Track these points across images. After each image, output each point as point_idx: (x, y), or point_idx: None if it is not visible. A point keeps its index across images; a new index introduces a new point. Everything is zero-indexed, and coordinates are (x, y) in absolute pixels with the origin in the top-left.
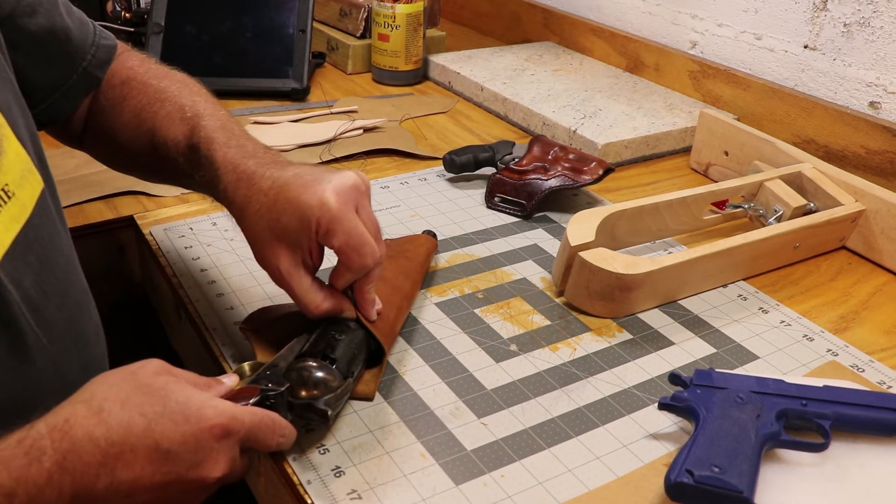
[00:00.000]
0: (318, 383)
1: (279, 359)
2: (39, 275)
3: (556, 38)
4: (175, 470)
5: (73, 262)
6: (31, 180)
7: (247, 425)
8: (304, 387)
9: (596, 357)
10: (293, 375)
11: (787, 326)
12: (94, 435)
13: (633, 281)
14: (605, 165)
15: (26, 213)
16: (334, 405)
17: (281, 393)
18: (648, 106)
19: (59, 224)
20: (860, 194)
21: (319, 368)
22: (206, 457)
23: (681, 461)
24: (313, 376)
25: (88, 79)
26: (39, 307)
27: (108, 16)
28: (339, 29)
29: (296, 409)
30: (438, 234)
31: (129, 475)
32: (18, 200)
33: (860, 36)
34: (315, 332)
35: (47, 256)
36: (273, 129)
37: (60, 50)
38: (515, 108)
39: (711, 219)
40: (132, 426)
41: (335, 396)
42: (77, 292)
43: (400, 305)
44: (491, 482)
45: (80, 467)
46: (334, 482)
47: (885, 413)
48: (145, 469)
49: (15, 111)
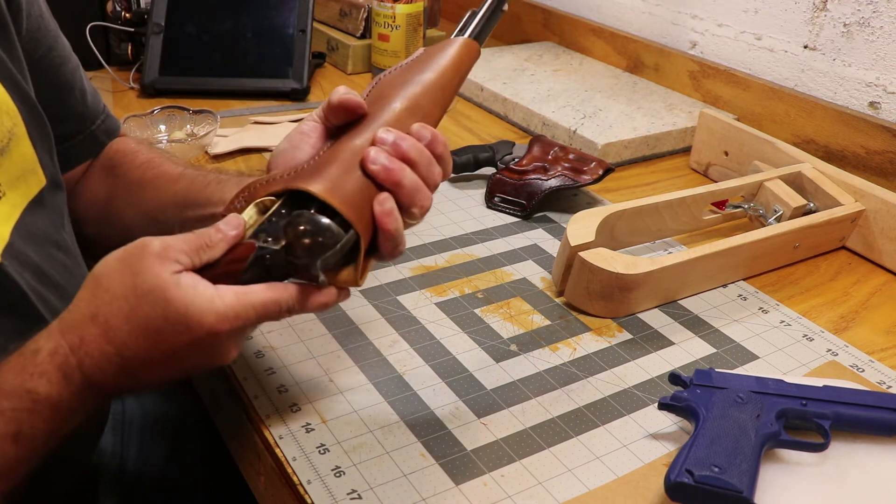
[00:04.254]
0: (319, 234)
1: (276, 210)
2: (40, 267)
3: (556, 38)
4: (189, 363)
5: (74, 255)
6: (31, 180)
7: (251, 319)
8: (305, 237)
9: (596, 357)
10: (292, 228)
11: (787, 326)
12: (108, 352)
13: (632, 281)
14: (605, 165)
15: (17, 212)
16: (332, 264)
17: (277, 251)
18: (648, 106)
19: (60, 220)
20: (860, 194)
21: (319, 220)
22: (216, 350)
23: (681, 461)
24: (313, 229)
25: (94, 142)
26: (44, 296)
27: (108, 16)
28: (340, 29)
29: (294, 267)
30: (438, 234)
31: (148, 376)
32: (8, 200)
33: (860, 36)
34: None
35: (46, 251)
36: (273, 129)
37: (76, 107)
38: (515, 108)
39: (711, 219)
40: (141, 341)
41: (334, 253)
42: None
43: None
44: (491, 482)
45: (106, 379)
46: (334, 482)
47: (885, 413)
48: (163, 368)
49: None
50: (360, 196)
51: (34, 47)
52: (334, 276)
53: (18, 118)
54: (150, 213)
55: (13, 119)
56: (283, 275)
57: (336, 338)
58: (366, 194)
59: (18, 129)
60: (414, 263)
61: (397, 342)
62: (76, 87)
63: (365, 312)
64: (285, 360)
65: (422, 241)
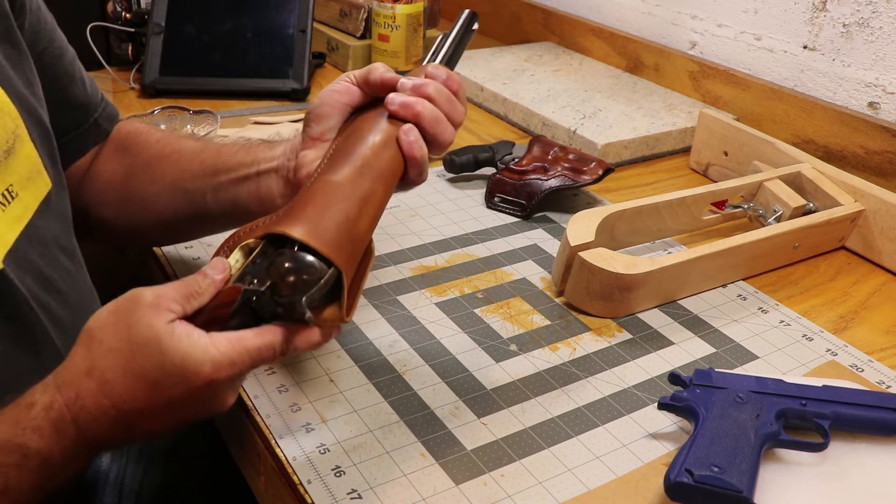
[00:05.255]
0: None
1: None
2: (43, 272)
3: (555, 38)
4: (187, 413)
5: (77, 260)
6: (38, 182)
7: (246, 365)
8: (289, 275)
9: (596, 357)
10: (275, 268)
11: (787, 326)
12: (104, 405)
13: (632, 281)
14: (605, 165)
15: (29, 213)
16: (317, 300)
17: (262, 292)
18: (648, 106)
19: (66, 224)
20: (859, 194)
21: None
22: (213, 398)
23: (680, 461)
24: (296, 267)
25: (98, 129)
26: (45, 303)
27: (108, 16)
28: (340, 29)
29: (280, 306)
30: (438, 234)
31: (145, 428)
32: (21, 201)
33: (859, 36)
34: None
35: (52, 255)
36: (273, 129)
37: (79, 96)
38: (515, 109)
39: (711, 219)
40: (138, 393)
41: (318, 289)
42: (82, 290)
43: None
44: (491, 482)
45: (101, 432)
46: (334, 482)
47: (885, 413)
48: (160, 420)
49: (36, 114)
50: (339, 231)
51: (36, 41)
52: (321, 314)
53: (20, 120)
54: (175, 184)
55: (15, 121)
56: (270, 316)
57: (336, 338)
58: (344, 229)
59: (21, 130)
60: (414, 263)
61: (397, 342)
62: (76, 77)
63: (365, 312)
64: (285, 361)
65: (422, 241)
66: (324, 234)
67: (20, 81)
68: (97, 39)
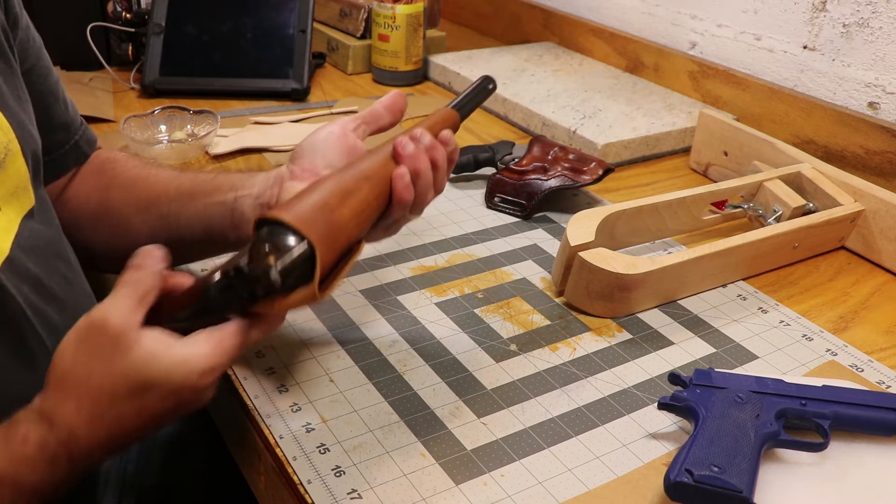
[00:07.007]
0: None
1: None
2: (40, 280)
3: (555, 38)
4: (174, 416)
5: (74, 267)
6: (23, 198)
7: (227, 364)
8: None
9: (596, 357)
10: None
11: (787, 326)
12: (98, 437)
13: (632, 281)
14: (605, 165)
15: (14, 226)
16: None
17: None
18: (648, 106)
19: (57, 231)
20: (859, 194)
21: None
22: (198, 398)
23: (680, 461)
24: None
25: (78, 151)
26: (42, 310)
27: (108, 16)
28: (340, 29)
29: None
30: (438, 234)
31: (135, 438)
32: (4, 215)
33: (859, 36)
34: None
35: (47, 263)
36: (273, 130)
37: (62, 117)
38: (515, 109)
39: (711, 219)
40: (130, 419)
41: (291, 260)
42: (79, 297)
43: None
44: (491, 482)
45: (93, 459)
46: (334, 482)
47: (884, 413)
48: (150, 428)
49: (27, 130)
50: (314, 211)
51: (25, 58)
52: (293, 293)
53: (12, 135)
54: (150, 205)
55: (7, 135)
56: (236, 300)
57: (336, 338)
58: (321, 211)
59: (13, 145)
60: (414, 263)
61: (397, 342)
62: (60, 98)
63: (365, 312)
64: (285, 360)
65: (422, 241)
66: (297, 211)
67: (11, 97)
68: (97, 39)
